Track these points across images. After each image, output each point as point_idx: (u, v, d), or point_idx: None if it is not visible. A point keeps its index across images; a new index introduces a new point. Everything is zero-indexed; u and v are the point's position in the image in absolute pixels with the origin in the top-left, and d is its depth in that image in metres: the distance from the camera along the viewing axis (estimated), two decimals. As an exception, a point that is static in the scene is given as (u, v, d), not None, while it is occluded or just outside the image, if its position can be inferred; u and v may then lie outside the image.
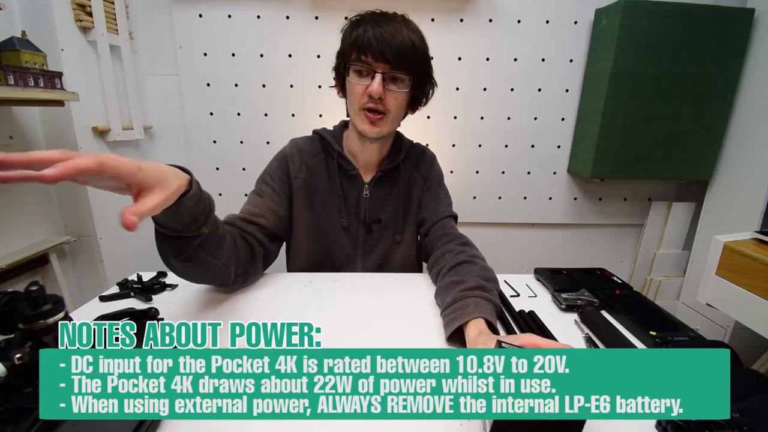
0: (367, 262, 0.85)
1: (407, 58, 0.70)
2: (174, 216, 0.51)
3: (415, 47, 0.70)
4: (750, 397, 0.43)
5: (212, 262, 0.60)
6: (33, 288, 0.37)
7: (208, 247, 0.58)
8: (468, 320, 0.55)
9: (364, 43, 0.69)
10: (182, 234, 0.54)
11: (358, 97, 0.72)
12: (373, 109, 0.72)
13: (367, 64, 0.70)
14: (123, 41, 1.28)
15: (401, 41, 0.68)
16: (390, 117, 0.74)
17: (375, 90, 0.69)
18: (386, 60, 0.69)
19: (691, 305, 1.47)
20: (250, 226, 0.74)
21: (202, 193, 0.55)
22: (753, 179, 1.24)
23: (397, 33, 0.69)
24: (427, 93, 0.80)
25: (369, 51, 0.69)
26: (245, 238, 0.71)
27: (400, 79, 0.72)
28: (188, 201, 0.51)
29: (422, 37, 0.73)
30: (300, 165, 0.82)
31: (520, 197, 1.57)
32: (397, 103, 0.74)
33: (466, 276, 0.64)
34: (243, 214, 0.75)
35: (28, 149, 1.11)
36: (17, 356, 0.34)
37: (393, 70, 0.70)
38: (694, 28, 1.23)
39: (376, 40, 0.68)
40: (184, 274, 0.62)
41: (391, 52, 0.68)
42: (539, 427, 0.36)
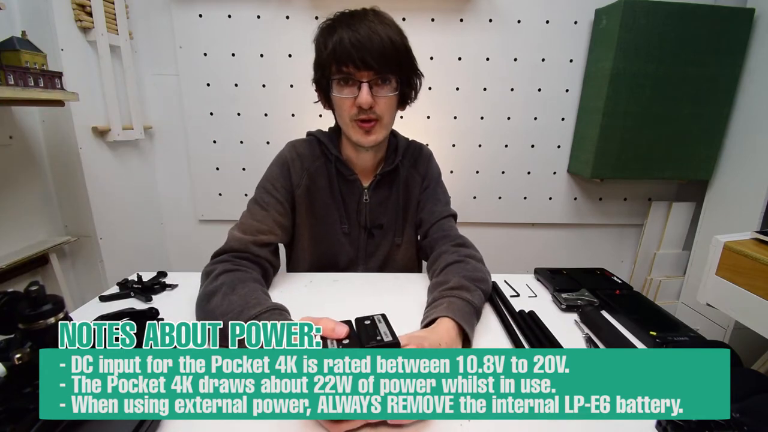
0: (369, 266, 0.85)
1: (390, 59, 0.66)
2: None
3: (395, 45, 0.66)
4: (750, 397, 0.42)
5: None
6: (33, 288, 0.37)
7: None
8: (433, 318, 0.55)
9: (342, 53, 0.65)
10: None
11: (347, 110, 0.69)
12: (365, 119, 0.69)
13: (349, 74, 0.66)
14: (123, 41, 1.28)
15: (380, 42, 0.64)
16: (383, 122, 0.72)
17: (364, 101, 0.66)
18: (369, 66, 0.65)
19: (691, 305, 1.47)
20: (263, 250, 0.70)
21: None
22: (753, 179, 1.24)
23: (373, 34, 0.64)
24: (415, 86, 0.77)
25: (349, 60, 0.65)
26: (261, 264, 0.69)
27: (387, 81, 0.69)
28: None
29: (399, 30, 0.69)
30: (301, 171, 0.79)
31: (520, 197, 1.57)
32: (389, 107, 0.71)
33: (451, 276, 0.64)
34: (253, 236, 0.70)
35: (28, 149, 1.12)
36: (17, 356, 0.34)
37: (378, 75, 0.67)
38: (694, 28, 1.23)
39: (354, 47, 0.64)
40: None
41: (373, 57, 0.64)
42: None
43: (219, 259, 0.66)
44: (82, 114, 1.17)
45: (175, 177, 1.53)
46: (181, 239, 1.60)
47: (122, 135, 1.28)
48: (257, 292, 0.58)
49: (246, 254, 0.68)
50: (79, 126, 1.16)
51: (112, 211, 1.30)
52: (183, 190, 1.54)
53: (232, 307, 0.53)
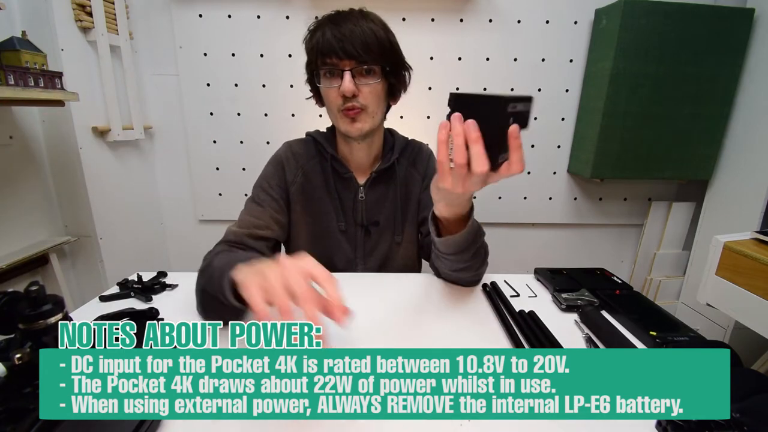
0: (368, 265, 0.85)
1: (371, 48, 0.68)
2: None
3: (377, 35, 0.69)
4: (750, 397, 0.42)
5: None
6: (33, 288, 0.37)
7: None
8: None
9: (325, 45, 0.68)
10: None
11: (333, 101, 0.71)
12: (350, 108, 0.71)
13: (333, 65, 0.69)
14: (123, 41, 1.28)
15: (361, 33, 0.67)
16: (369, 111, 0.72)
17: (347, 88, 0.68)
18: (350, 56, 0.67)
19: (691, 305, 1.47)
20: (258, 243, 0.73)
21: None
22: (753, 179, 1.24)
23: (355, 27, 0.67)
24: (403, 79, 0.78)
25: (332, 52, 0.67)
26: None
27: (370, 70, 0.70)
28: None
29: (384, 25, 0.72)
30: (296, 169, 0.81)
31: (520, 197, 1.57)
32: (374, 96, 0.72)
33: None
34: (249, 230, 0.73)
35: (28, 149, 1.12)
36: (17, 356, 0.34)
37: (360, 64, 0.68)
38: (694, 28, 1.23)
39: (336, 39, 0.67)
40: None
41: (354, 46, 0.66)
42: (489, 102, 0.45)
43: (215, 250, 0.69)
44: (82, 114, 1.17)
45: (175, 177, 1.53)
46: (181, 239, 1.60)
47: (122, 135, 1.28)
48: (253, 256, 0.59)
49: (241, 246, 0.70)
50: (79, 126, 1.17)
51: (112, 211, 1.30)
52: (183, 190, 1.54)
53: (231, 260, 0.53)
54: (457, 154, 0.46)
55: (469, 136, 0.45)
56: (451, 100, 0.47)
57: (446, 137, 0.47)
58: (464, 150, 0.46)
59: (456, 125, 0.46)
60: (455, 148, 0.46)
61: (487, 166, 0.46)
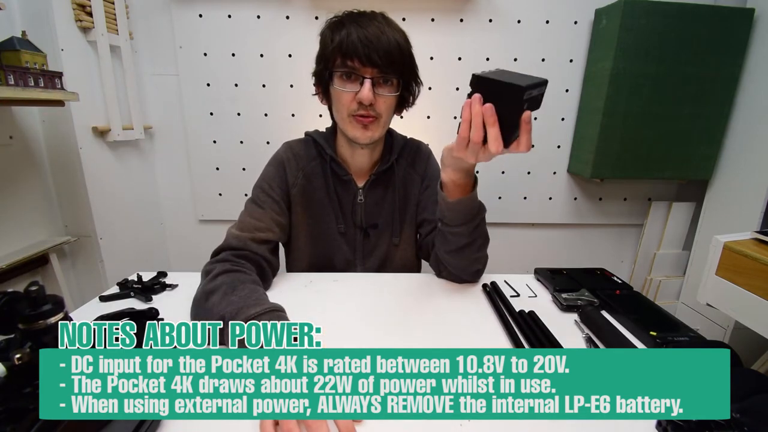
0: (367, 266, 0.85)
1: (395, 60, 0.67)
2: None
3: (401, 48, 0.68)
4: (750, 397, 0.42)
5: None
6: (33, 288, 0.37)
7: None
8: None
9: (349, 47, 0.65)
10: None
11: (346, 105, 0.70)
12: (364, 114, 0.69)
13: (354, 69, 0.67)
14: (123, 41, 1.28)
15: (387, 42, 0.66)
16: (382, 121, 0.72)
17: (366, 97, 0.66)
18: (374, 64, 0.66)
19: (691, 305, 1.47)
20: (261, 247, 0.72)
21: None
22: (753, 179, 1.24)
23: (381, 34, 0.66)
24: (414, 93, 0.78)
25: (355, 55, 0.65)
26: (259, 263, 0.70)
27: (389, 80, 0.69)
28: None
29: (405, 36, 0.71)
30: (297, 171, 0.80)
31: (520, 197, 1.57)
32: (387, 107, 0.72)
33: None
34: (251, 233, 0.72)
35: (28, 149, 1.12)
36: (17, 356, 0.34)
37: (382, 74, 0.67)
38: (694, 28, 1.23)
39: (362, 43, 0.65)
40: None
41: (379, 55, 0.65)
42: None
43: (218, 258, 0.67)
44: (82, 114, 1.17)
45: (175, 177, 1.53)
46: (181, 239, 1.60)
47: (122, 135, 1.28)
48: (257, 293, 0.58)
49: (245, 252, 0.69)
50: (79, 126, 1.16)
51: (112, 211, 1.30)
52: (183, 190, 1.54)
53: (232, 306, 0.54)
54: (475, 132, 0.52)
55: (487, 120, 0.51)
56: (472, 82, 0.52)
57: (469, 116, 0.52)
58: (482, 129, 0.52)
59: (476, 106, 0.51)
60: (473, 127, 0.52)
61: (502, 146, 0.52)
